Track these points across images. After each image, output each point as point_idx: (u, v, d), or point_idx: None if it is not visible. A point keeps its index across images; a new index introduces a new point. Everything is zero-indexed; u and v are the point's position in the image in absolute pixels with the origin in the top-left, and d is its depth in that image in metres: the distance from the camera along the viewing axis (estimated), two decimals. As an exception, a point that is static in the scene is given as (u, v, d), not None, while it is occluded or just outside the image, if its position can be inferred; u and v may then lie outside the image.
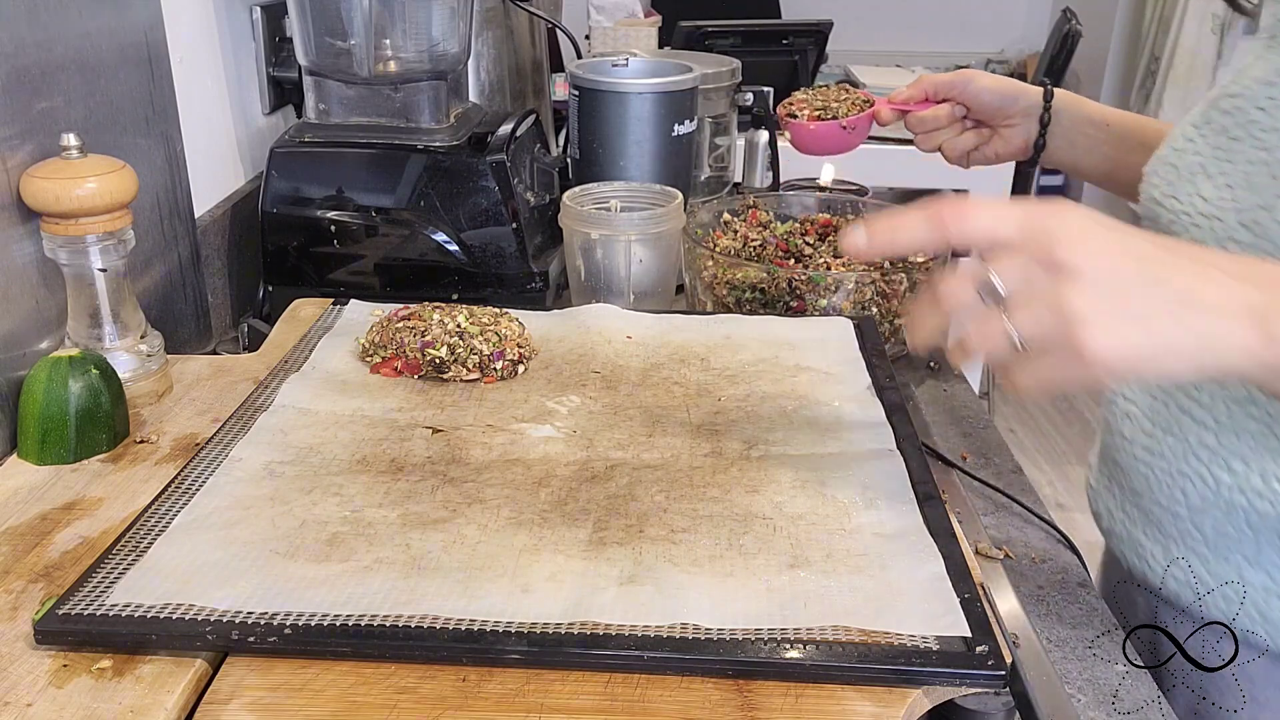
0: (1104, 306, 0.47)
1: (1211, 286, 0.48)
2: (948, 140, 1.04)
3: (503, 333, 0.83)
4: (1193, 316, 0.47)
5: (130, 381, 0.80)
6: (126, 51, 0.89)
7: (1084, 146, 0.96)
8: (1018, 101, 0.96)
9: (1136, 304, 0.48)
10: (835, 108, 1.06)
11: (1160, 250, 0.49)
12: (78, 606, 0.55)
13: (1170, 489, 0.71)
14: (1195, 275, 0.48)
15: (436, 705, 0.51)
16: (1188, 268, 0.48)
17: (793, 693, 0.52)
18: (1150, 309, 0.47)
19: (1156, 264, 0.48)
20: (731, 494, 0.67)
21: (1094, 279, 0.47)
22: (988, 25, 4.20)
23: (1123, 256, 0.48)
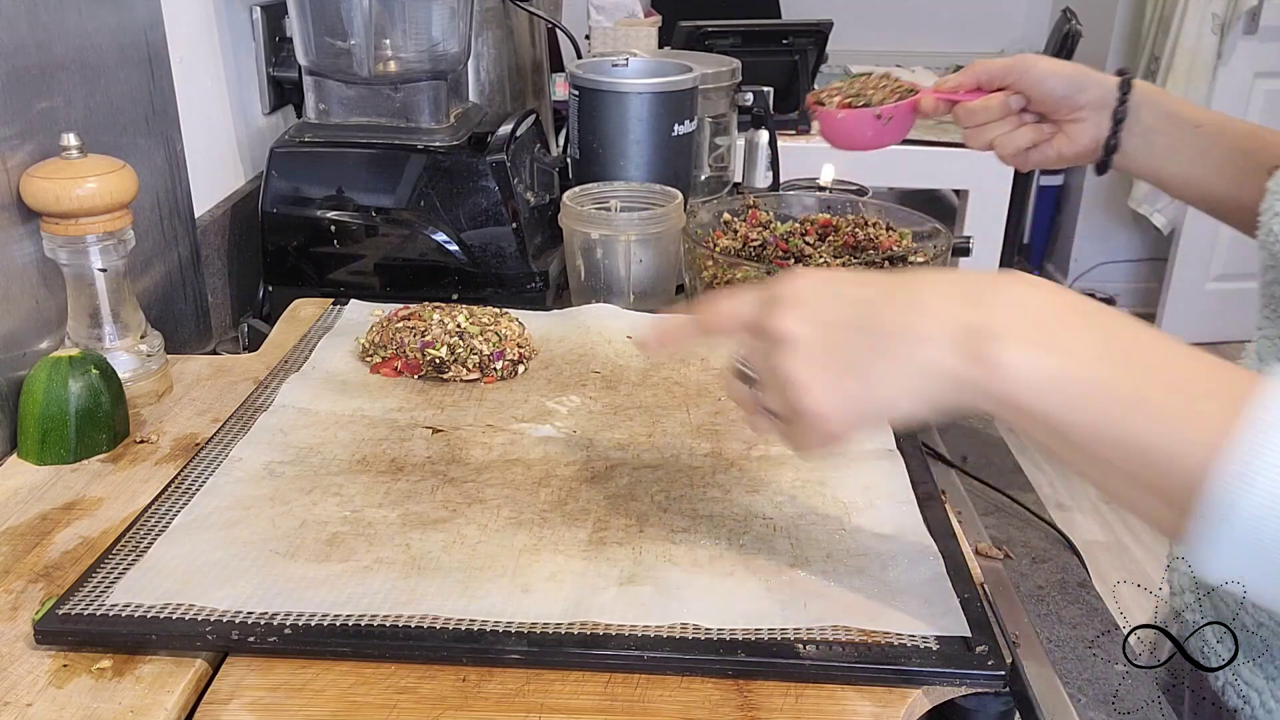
0: (816, 367, 0.48)
1: (915, 318, 0.46)
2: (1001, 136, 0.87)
3: (503, 333, 0.83)
4: (898, 351, 0.46)
5: (130, 381, 0.80)
6: (126, 51, 0.89)
7: (1165, 151, 0.81)
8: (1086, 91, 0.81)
9: (848, 356, 0.47)
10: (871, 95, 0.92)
11: (876, 292, 0.48)
12: (78, 606, 0.55)
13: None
14: (901, 310, 0.47)
15: (436, 705, 0.51)
16: (895, 303, 0.47)
17: (793, 693, 0.52)
18: (863, 357, 0.47)
19: (869, 308, 0.48)
20: (731, 494, 0.67)
21: (805, 342, 0.48)
22: (988, 25, 4.20)
23: (833, 311, 0.48)
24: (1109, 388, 0.43)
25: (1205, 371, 0.43)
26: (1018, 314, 0.45)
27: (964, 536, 0.65)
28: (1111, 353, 0.44)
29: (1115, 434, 0.42)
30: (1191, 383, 0.42)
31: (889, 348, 0.46)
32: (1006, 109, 0.85)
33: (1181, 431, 0.41)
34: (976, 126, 0.88)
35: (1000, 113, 0.86)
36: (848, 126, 0.91)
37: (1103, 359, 0.43)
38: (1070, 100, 0.81)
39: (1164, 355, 0.43)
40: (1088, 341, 0.44)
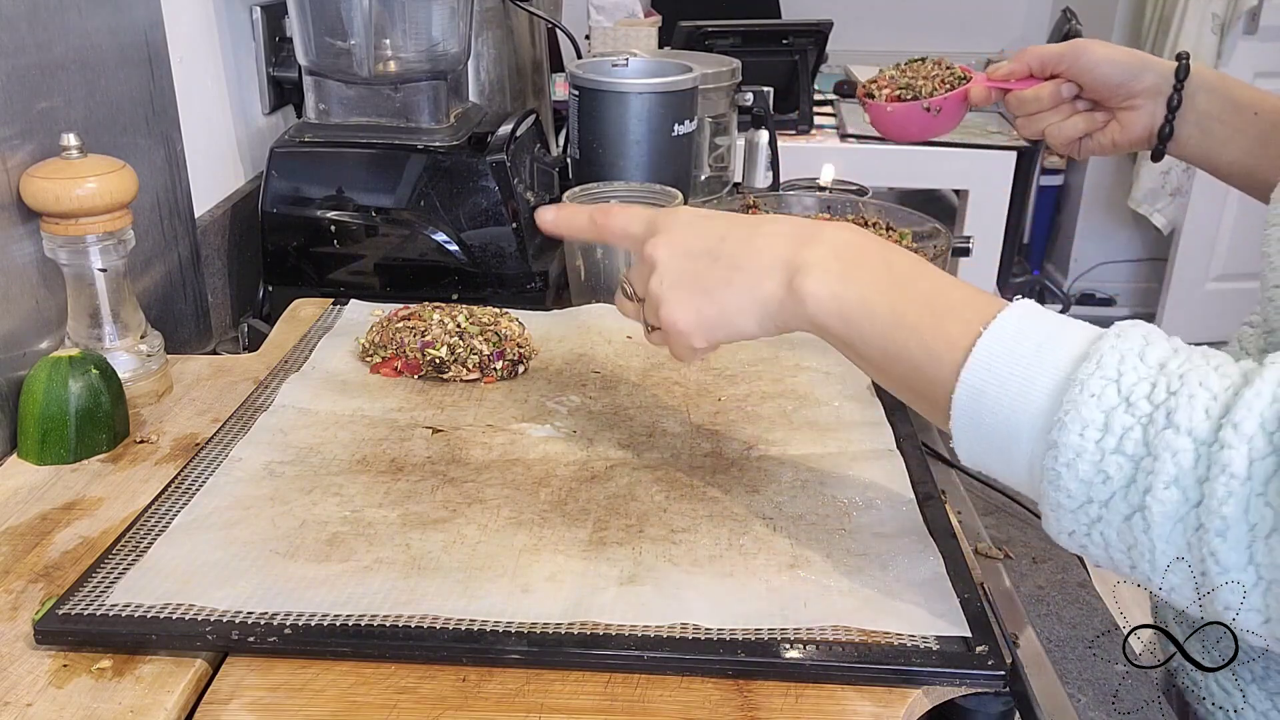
0: (677, 288, 0.58)
1: (755, 251, 0.56)
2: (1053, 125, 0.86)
3: (503, 333, 0.83)
4: (738, 278, 0.56)
5: (130, 381, 0.80)
6: (126, 51, 0.89)
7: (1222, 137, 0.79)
8: (1142, 77, 0.79)
9: (703, 281, 0.57)
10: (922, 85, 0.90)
11: (726, 228, 0.58)
12: (78, 606, 0.55)
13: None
14: (745, 244, 0.56)
15: (436, 705, 0.51)
16: (740, 238, 0.57)
17: (793, 693, 0.52)
18: (714, 284, 0.57)
19: (717, 242, 0.57)
20: (731, 494, 0.67)
21: (669, 267, 0.58)
22: (988, 25, 4.20)
23: (694, 240, 0.58)
24: (883, 311, 0.52)
25: (963, 300, 0.51)
26: (825, 253, 0.54)
27: (964, 536, 0.65)
28: (892, 285, 0.53)
29: (888, 348, 0.52)
30: (949, 309, 0.51)
31: (734, 277, 0.56)
32: (1058, 97, 0.84)
33: (933, 348, 0.50)
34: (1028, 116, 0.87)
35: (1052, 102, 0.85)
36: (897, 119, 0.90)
37: (883, 290, 0.53)
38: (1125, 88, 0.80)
39: (933, 287, 0.53)
40: (874, 275, 0.53)
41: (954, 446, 0.51)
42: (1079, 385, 0.45)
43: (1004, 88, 0.87)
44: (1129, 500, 0.45)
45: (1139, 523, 0.45)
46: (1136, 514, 0.45)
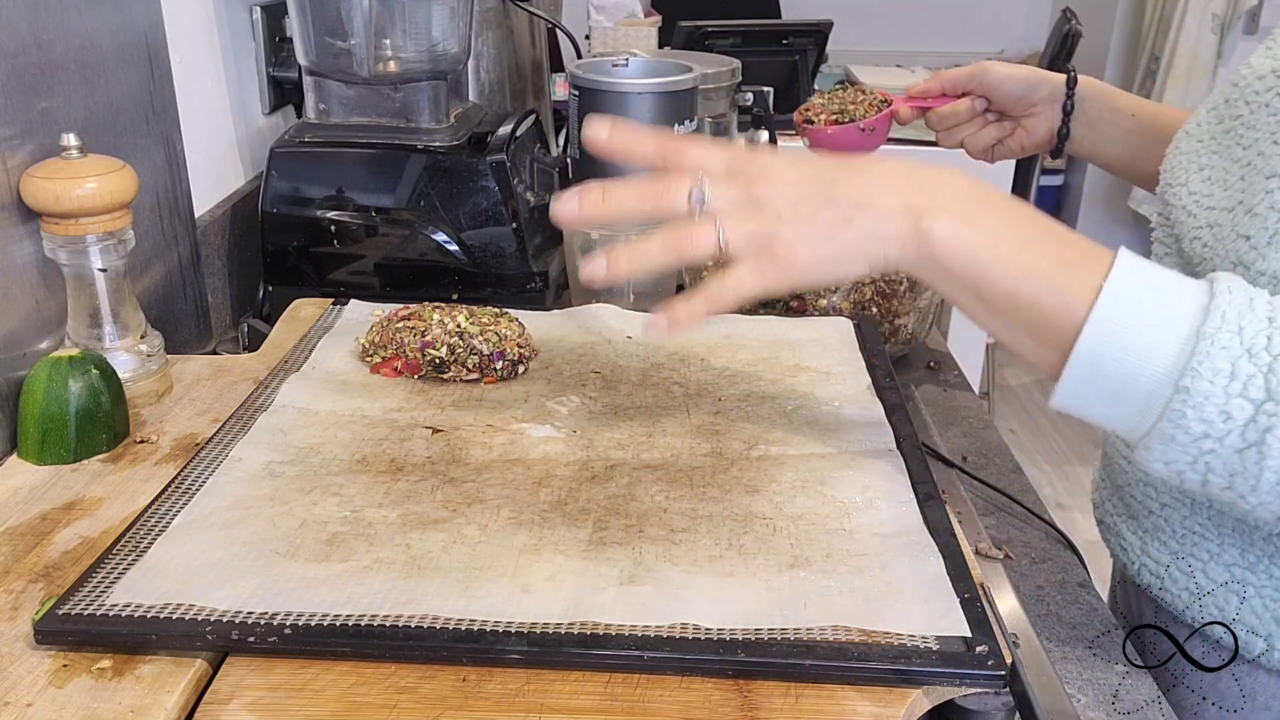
0: (795, 223, 0.57)
1: (875, 192, 0.57)
2: (970, 135, 1.01)
3: (503, 333, 0.83)
4: (861, 217, 0.57)
5: (130, 381, 0.80)
6: (126, 51, 0.89)
7: (1108, 136, 0.93)
8: (1039, 89, 0.93)
9: (820, 218, 0.57)
10: (852, 110, 1.02)
11: (836, 169, 0.58)
12: (78, 606, 0.55)
13: (1144, 483, 0.74)
14: (863, 184, 0.57)
15: (436, 705, 0.51)
16: (857, 179, 0.58)
17: (793, 693, 0.52)
18: (831, 221, 0.57)
19: (833, 181, 0.58)
20: (731, 494, 0.67)
21: (783, 201, 0.58)
22: (988, 25, 4.20)
23: (807, 183, 0.58)
24: (1011, 257, 0.55)
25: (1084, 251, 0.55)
26: (950, 196, 0.57)
27: (964, 536, 0.65)
28: (1017, 232, 0.56)
29: (1014, 294, 0.55)
30: (1076, 260, 0.55)
31: (855, 217, 0.57)
32: (973, 111, 0.99)
33: (1061, 294, 0.54)
34: (948, 129, 1.02)
35: (968, 115, 0.99)
36: (836, 141, 1.00)
37: (1009, 236, 0.56)
38: (1026, 98, 0.93)
39: (1054, 237, 0.56)
40: (1001, 222, 0.56)
41: (1056, 389, 0.55)
42: (1209, 339, 0.51)
43: (923, 106, 1.00)
44: (1245, 437, 0.51)
45: (1253, 455, 0.52)
46: (1252, 448, 0.51)
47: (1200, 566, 0.70)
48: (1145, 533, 0.74)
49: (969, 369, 1.22)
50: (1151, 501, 0.73)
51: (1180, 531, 0.71)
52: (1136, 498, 0.74)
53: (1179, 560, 0.71)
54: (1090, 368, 0.53)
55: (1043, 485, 2.88)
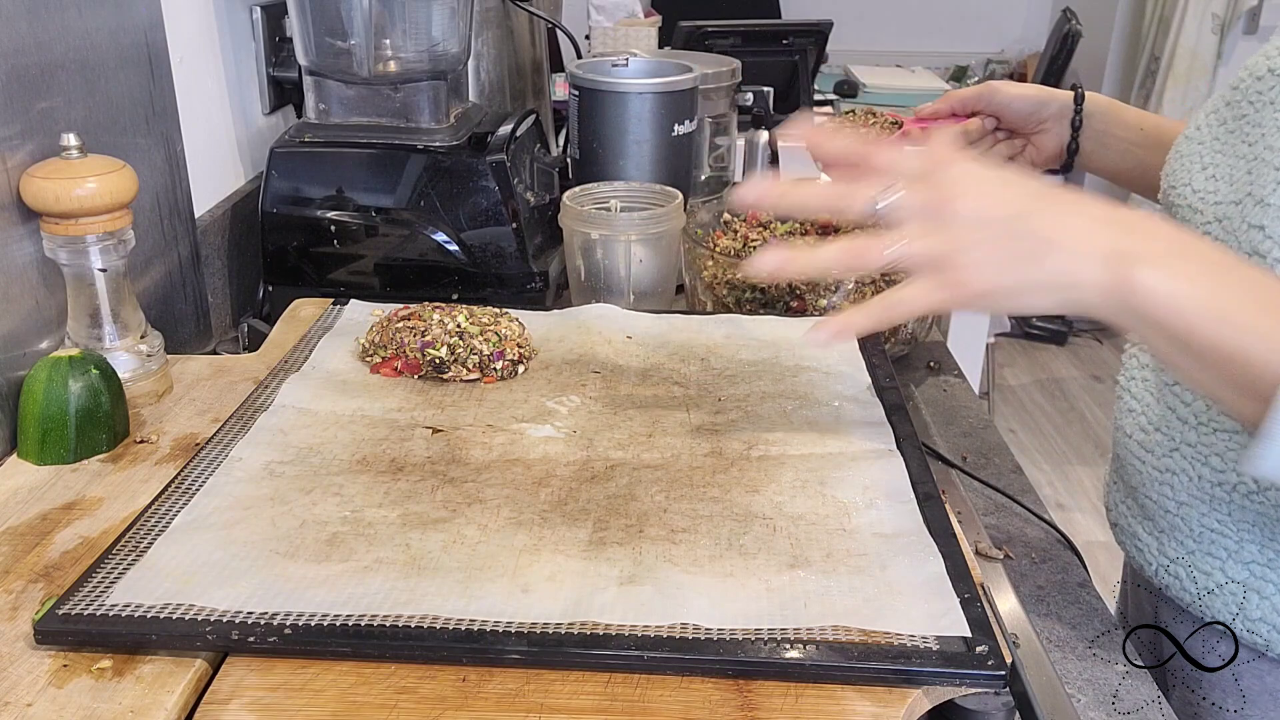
0: (981, 250, 0.56)
1: (1073, 232, 0.55)
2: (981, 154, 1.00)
3: (503, 333, 0.83)
4: (1053, 257, 0.55)
5: (130, 381, 0.80)
6: (126, 51, 0.89)
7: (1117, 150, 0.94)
8: (1048, 106, 0.94)
9: (1006, 248, 0.56)
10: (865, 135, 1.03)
11: (1033, 199, 0.57)
12: (78, 606, 0.55)
13: (1159, 483, 0.73)
14: (1059, 222, 0.56)
15: (436, 705, 0.51)
16: (1054, 215, 0.56)
17: (793, 693, 0.52)
18: (1017, 253, 0.56)
19: (1027, 213, 0.56)
20: (731, 494, 0.67)
21: (974, 225, 0.56)
22: (988, 25, 4.20)
23: (1000, 207, 0.57)
24: (1226, 311, 0.53)
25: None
26: (1159, 245, 0.55)
27: (964, 536, 0.65)
28: (1225, 283, 0.54)
29: (1225, 346, 0.53)
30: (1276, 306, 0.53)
31: (1049, 255, 0.55)
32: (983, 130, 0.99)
33: (1271, 346, 0.51)
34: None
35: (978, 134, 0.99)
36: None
37: (1218, 288, 0.54)
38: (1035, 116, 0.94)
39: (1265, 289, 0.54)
40: (1209, 274, 0.54)
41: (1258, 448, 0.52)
42: None
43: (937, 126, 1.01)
44: None
45: None
46: None
47: (1219, 564, 0.70)
48: (1161, 532, 0.74)
49: (969, 369, 1.22)
50: (1168, 501, 0.73)
51: (1198, 530, 0.71)
52: (1152, 498, 0.74)
53: (1196, 558, 0.71)
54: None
55: (1043, 485, 2.88)
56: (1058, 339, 3.79)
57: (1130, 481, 0.78)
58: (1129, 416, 0.77)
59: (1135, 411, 0.77)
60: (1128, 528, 0.80)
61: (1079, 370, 3.58)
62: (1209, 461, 0.69)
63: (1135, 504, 0.78)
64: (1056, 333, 3.78)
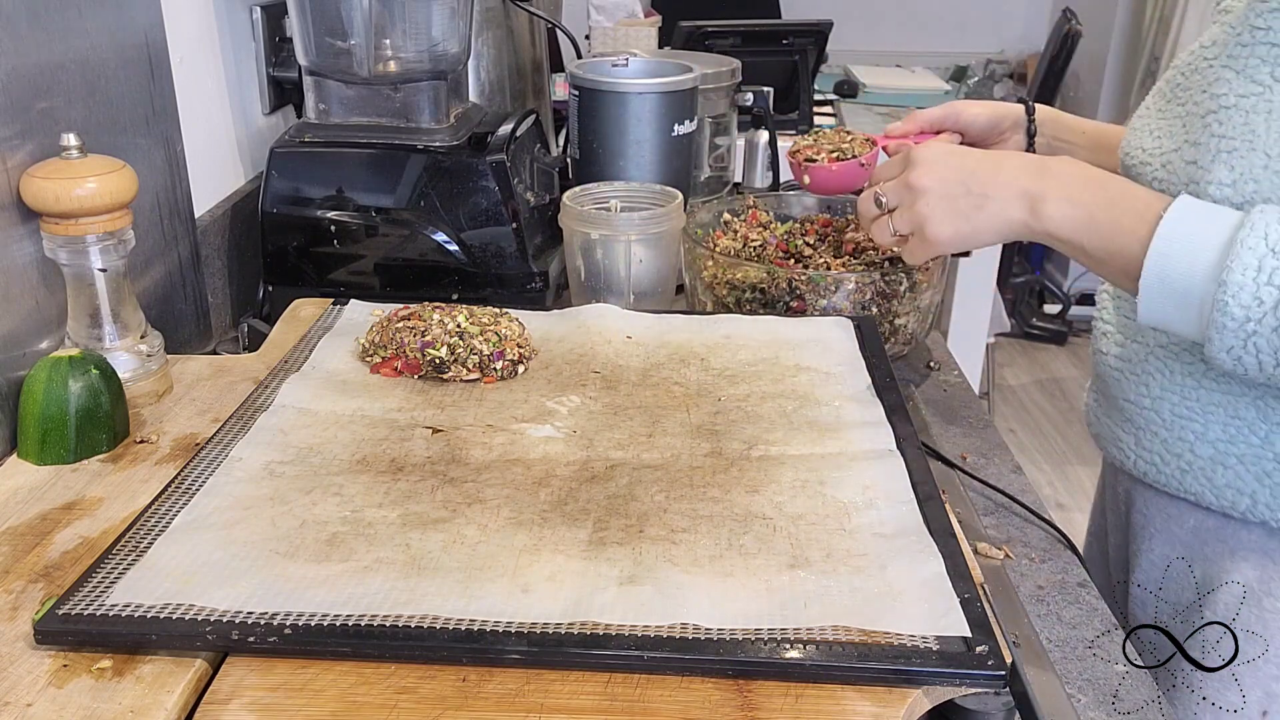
0: (938, 210, 0.81)
1: (999, 184, 0.78)
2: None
3: (503, 333, 0.83)
4: (989, 206, 0.79)
5: (130, 381, 0.80)
6: (126, 51, 0.89)
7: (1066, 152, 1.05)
8: (1005, 120, 1.06)
9: (959, 205, 0.80)
10: (848, 149, 1.08)
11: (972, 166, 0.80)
12: (78, 606, 0.55)
13: (1137, 385, 0.85)
14: (990, 178, 0.79)
15: (436, 705, 0.51)
16: (986, 174, 0.79)
17: (793, 693, 0.52)
18: (966, 207, 0.80)
19: (970, 177, 0.80)
20: (731, 494, 0.67)
21: (931, 193, 0.81)
22: (988, 25, 4.20)
23: (951, 175, 0.81)
24: (1100, 219, 0.74)
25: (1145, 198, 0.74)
26: (1059, 183, 0.77)
27: (964, 536, 0.65)
28: (1100, 196, 0.75)
29: (1106, 246, 0.74)
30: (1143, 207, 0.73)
31: (986, 204, 0.79)
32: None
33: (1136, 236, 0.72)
34: None
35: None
36: (838, 177, 1.07)
37: (1097, 204, 0.75)
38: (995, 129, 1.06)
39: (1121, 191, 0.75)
40: (1089, 193, 0.75)
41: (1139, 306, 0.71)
42: (1239, 244, 0.66)
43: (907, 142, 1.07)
44: (1277, 316, 0.65)
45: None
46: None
47: (1189, 446, 0.82)
48: (1139, 429, 0.86)
49: (969, 369, 1.21)
50: (1144, 399, 0.85)
51: (1169, 419, 0.83)
52: (1130, 400, 0.86)
53: (1169, 444, 0.83)
54: (1158, 278, 0.69)
55: (1043, 485, 2.88)
56: (1058, 339, 3.79)
57: (1110, 392, 0.89)
58: (1104, 340, 0.90)
59: (1110, 334, 0.89)
60: (1108, 433, 0.90)
61: (1079, 370, 3.58)
62: (1180, 357, 0.81)
63: (1115, 410, 0.89)
64: (1056, 333, 3.78)
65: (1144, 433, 0.85)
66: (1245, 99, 0.73)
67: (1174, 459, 0.82)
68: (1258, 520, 0.79)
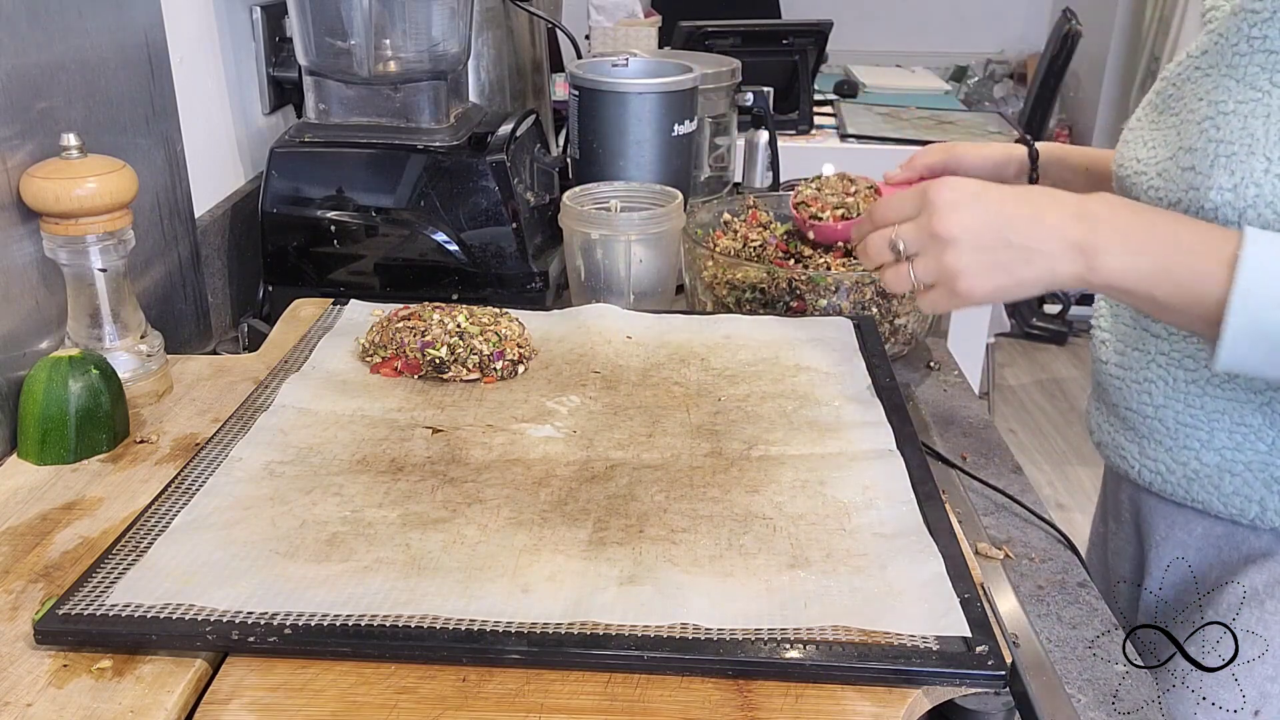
0: (974, 264, 0.70)
1: (1044, 237, 0.69)
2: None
3: (503, 333, 0.83)
4: (1036, 260, 0.69)
5: (130, 381, 0.80)
6: (126, 51, 0.89)
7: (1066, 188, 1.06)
8: (1008, 166, 1.01)
9: (998, 257, 0.70)
10: (851, 203, 1.06)
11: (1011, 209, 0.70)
12: (78, 606, 0.55)
13: (1139, 393, 0.84)
14: (1032, 230, 0.69)
15: (436, 705, 0.51)
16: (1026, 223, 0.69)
17: (793, 693, 0.52)
18: (1008, 260, 0.70)
19: (1008, 226, 0.70)
20: (731, 494, 0.67)
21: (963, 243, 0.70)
22: (988, 25, 4.20)
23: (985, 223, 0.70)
24: (1171, 272, 0.67)
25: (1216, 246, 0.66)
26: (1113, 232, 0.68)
27: (964, 536, 0.65)
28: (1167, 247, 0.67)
29: (1176, 297, 0.67)
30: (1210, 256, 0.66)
31: (1033, 259, 0.69)
32: None
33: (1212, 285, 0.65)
34: None
35: None
36: (845, 234, 1.05)
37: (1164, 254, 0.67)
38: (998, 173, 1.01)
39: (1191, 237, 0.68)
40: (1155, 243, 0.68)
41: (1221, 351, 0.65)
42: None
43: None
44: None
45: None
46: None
47: (1194, 454, 0.80)
48: (1142, 437, 0.84)
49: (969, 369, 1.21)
50: (1146, 407, 0.83)
51: (1173, 427, 0.81)
52: (1133, 409, 0.84)
53: (1174, 453, 0.81)
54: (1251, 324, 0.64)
55: (1043, 485, 2.88)
56: (1058, 339, 3.78)
57: (1111, 400, 0.87)
58: (1103, 348, 0.88)
59: (1108, 341, 0.88)
60: (1111, 441, 0.88)
61: (1079, 370, 3.58)
62: (1183, 364, 0.80)
63: (1117, 418, 0.87)
64: (1056, 333, 3.78)
65: (1148, 441, 0.84)
66: (1244, 104, 0.73)
67: (1179, 467, 0.81)
68: (1267, 528, 0.78)
